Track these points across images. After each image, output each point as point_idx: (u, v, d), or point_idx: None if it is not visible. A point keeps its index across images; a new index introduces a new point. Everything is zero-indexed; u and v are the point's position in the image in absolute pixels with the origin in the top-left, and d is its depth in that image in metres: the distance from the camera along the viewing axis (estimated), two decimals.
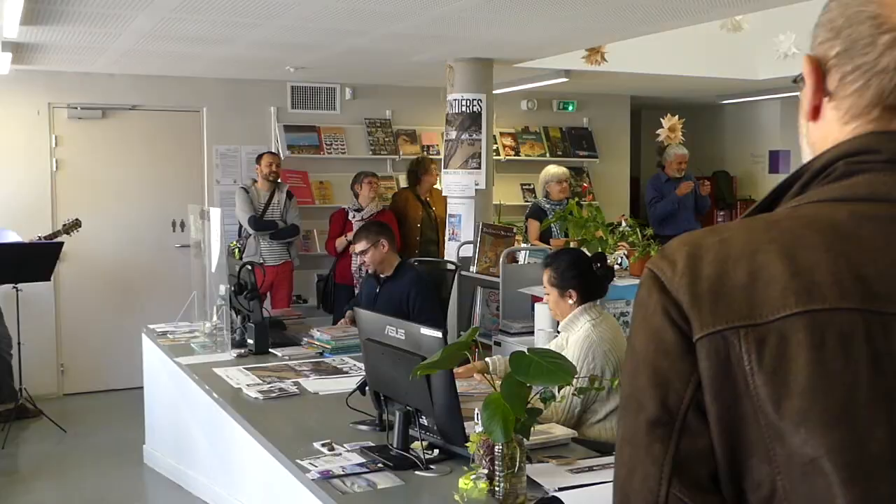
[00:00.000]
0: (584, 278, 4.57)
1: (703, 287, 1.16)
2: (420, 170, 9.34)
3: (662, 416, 1.16)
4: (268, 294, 8.72)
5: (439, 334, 3.39)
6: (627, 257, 6.48)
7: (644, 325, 1.20)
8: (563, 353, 3.79)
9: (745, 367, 1.12)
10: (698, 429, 1.15)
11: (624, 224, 6.81)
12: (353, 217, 8.88)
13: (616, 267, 6.44)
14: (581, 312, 4.51)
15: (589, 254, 4.87)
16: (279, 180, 8.98)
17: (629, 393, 1.21)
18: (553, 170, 8.87)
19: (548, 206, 8.69)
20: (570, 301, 4.53)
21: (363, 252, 6.31)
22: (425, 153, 10.20)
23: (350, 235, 8.28)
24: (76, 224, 8.29)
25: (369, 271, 6.48)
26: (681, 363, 1.15)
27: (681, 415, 1.15)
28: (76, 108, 9.08)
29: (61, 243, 8.03)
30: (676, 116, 9.38)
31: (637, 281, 6.17)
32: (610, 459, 3.29)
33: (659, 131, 9.35)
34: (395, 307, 6.09)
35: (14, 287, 7.77)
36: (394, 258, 6.38)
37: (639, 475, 1.17)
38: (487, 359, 4.92)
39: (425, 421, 3.56)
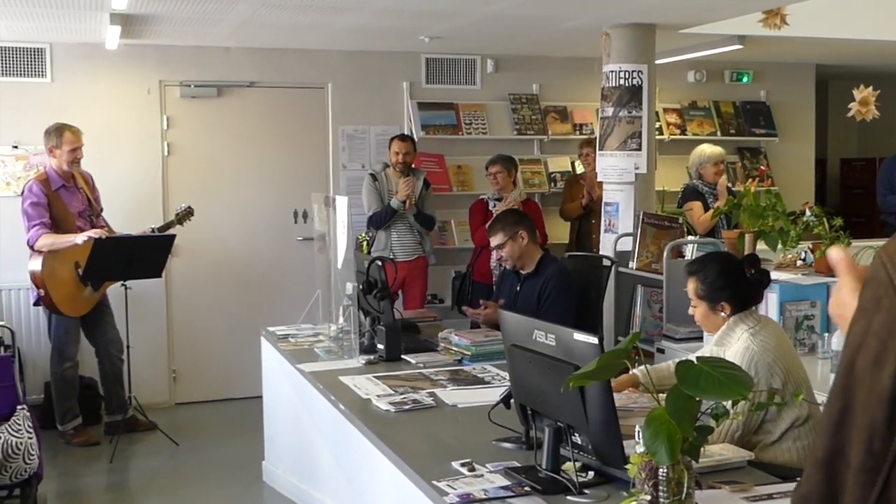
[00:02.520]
0: (737, 288, 4.47)
1: None
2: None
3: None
4: (399, 293, 8.78)
5: (595, 340, 3.36)
6: (812, 252, 6.34)
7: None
8: None
9: None
10: None
11: (808, 213, 6.66)
12: (494, 207, 8.88)
13: (799, 263, 6.32)
14: (736, 322, 4.42)
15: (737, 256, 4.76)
16: (414, 166, 9.03)
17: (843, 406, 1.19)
18: (708, 150, 8.76)
19: (705, 189, 8.57)
20: (723, 314, 4.45)
21: (500, 246, 6.31)
22: (577, 133, 10.16)
23: None
24: (189, 213, 8.44)
25: (507, 267, 6.47)
26: None
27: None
28: (189, 85, 9.29)
29: (173, 236, 8.20)
30: (870, 88, 9.15)
31: (823, 280, 6.05)
32: (793, 487, 3.22)
33: (850, 105, 9.13)
34: (534, 306, 6.08)
35: (123, 285, 8.00)
36: (535, 251, 6.36)
37: None
38: (636, 370, 4.72)
39: (579, 439, 3.54)
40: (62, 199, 7.86)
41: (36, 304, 7.98)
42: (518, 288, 6.42)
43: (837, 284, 1.35)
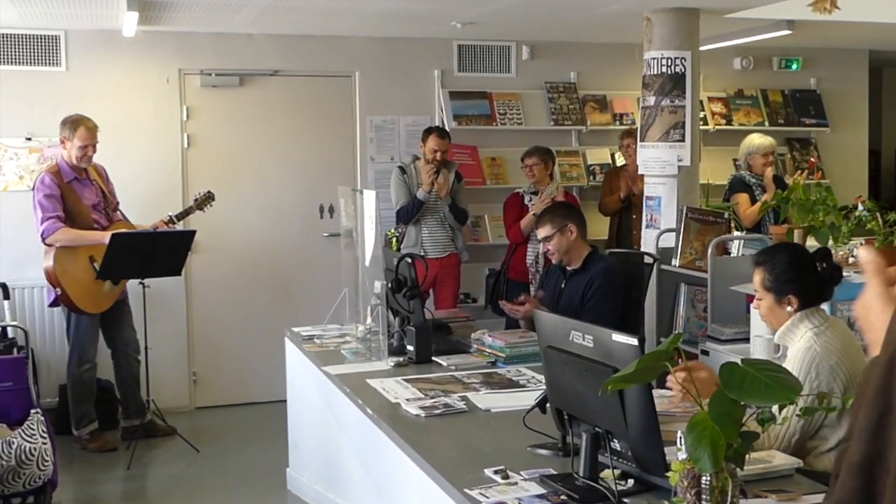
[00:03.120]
0: (806, 281, 4.46)
1: None
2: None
3: None
4: (430, 292, 8.79)
5: (635, 342, 3.37)
6: None
7: None
8: None
9: None
10: None
11: (861, 207, 6.63)
12: (530, 201, 8.90)
13: (851, 260, 6.29)
14: (801, 319, 4.41)
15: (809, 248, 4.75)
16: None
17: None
18: (757, 140, 8.77)
19: (753, 180, 8.59)
20: (789, 308, 4.43)
21: (547, 238, 6.31)
22: (617, 123, 10.15)
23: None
24: (209, 198, 8.47)
25: (553, 261, 6.48)
26: None
27: None
28: (210, 74, 9.34)
29: (194, 231, 8.24)
30: None
31: None
32: None
33: None
34: (578, 305, 6.09)
35: (140, 283, 8.00)
36: (583, 248, 6.37)
37: None
38: None
39: (618, 445, 3.55)
40: (76, 191, 7.89)
41: (53, 304, 8.03)
42: (563, 285, 6.42)
43: (864, 287, 1.36)
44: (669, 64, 7.81)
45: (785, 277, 4.45)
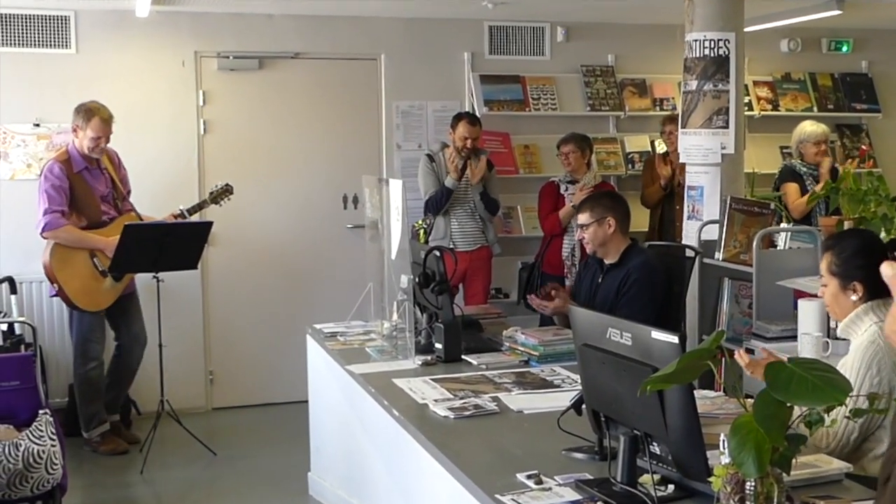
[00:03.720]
0: (874, 269, 4.44)
1: None
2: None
3: None
4: (460, 287, 8.81)
5: (675, 339, 3.37)
6: None
7: None
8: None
9: None
10: None
11: None
12: (566, 190, 8.90)
13: None
14: (866, 311, 4.40)
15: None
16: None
17: None
18: (809, 127, 8.76)
19: (804, 169, 8.58)
20: (854, 297, 4.43)
21: (584, 226, 6.32)
22: (657, 108, 10.14)
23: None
24: (226, 191, 8.49)
25: (587, 251, 6.48)
26: None
27: None
28: (227, 57, 9.36)
29: (210, 223, 8.27)
30: None
31: None
32: None
33: None
34: (614, 300, 6.10)
35: (154, 277, 8.02)
36: (621, 242, 6.37)
37: None
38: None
39: (657, 448, 3.56)
40: (86, 181, 7.92)
41: (54, 295, 8.07)
42: (600, 279, 6.43)
43: (894, 303, 1.37)
44: (712, 46, 7.79)
45: (853, 262, 4.44)
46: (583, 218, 6.36)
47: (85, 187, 7.90)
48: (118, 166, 8.23)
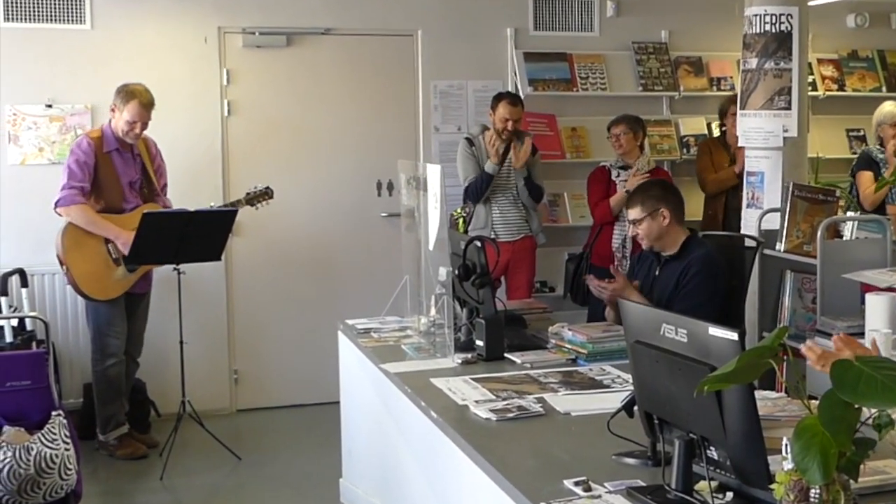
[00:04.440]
0: None
1: None
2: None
3: None
4: (502, 279, 8.83)
5: (734, 336, 3.37)
6: None
7: None
8: None
9: None
10: None
11: None
12: (618, 176, 8.89)
13: None
14: None
15: None
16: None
17: None
18: (887, 107, 8.73)
19: (881, 156, 8.52)
20: None
21: (636, 222, 6.30)
22: (714, 89, 10.11)
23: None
24: (265, 194, 8.53)
25: (643, 247, 6.47)
26: None
27: None
28: (253, 33, 9.39)
29: (235, 211, 8.28)
30: None
31: None
32: None
33: None
34: (671, 294, 6.09)
35: (175, 269, 8.05)
36: (679, 233, 6.34)
37: None
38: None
39: (715, 453, 3.56)
40: (113, 163, 7.97)
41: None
42: (657, 272, 6.41)
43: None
44: (774, 21, 7.78)
45: None
46: (634, 213, 6.33)
47: (111, 169, 7.95)
48: (154, 156, 8.27)
